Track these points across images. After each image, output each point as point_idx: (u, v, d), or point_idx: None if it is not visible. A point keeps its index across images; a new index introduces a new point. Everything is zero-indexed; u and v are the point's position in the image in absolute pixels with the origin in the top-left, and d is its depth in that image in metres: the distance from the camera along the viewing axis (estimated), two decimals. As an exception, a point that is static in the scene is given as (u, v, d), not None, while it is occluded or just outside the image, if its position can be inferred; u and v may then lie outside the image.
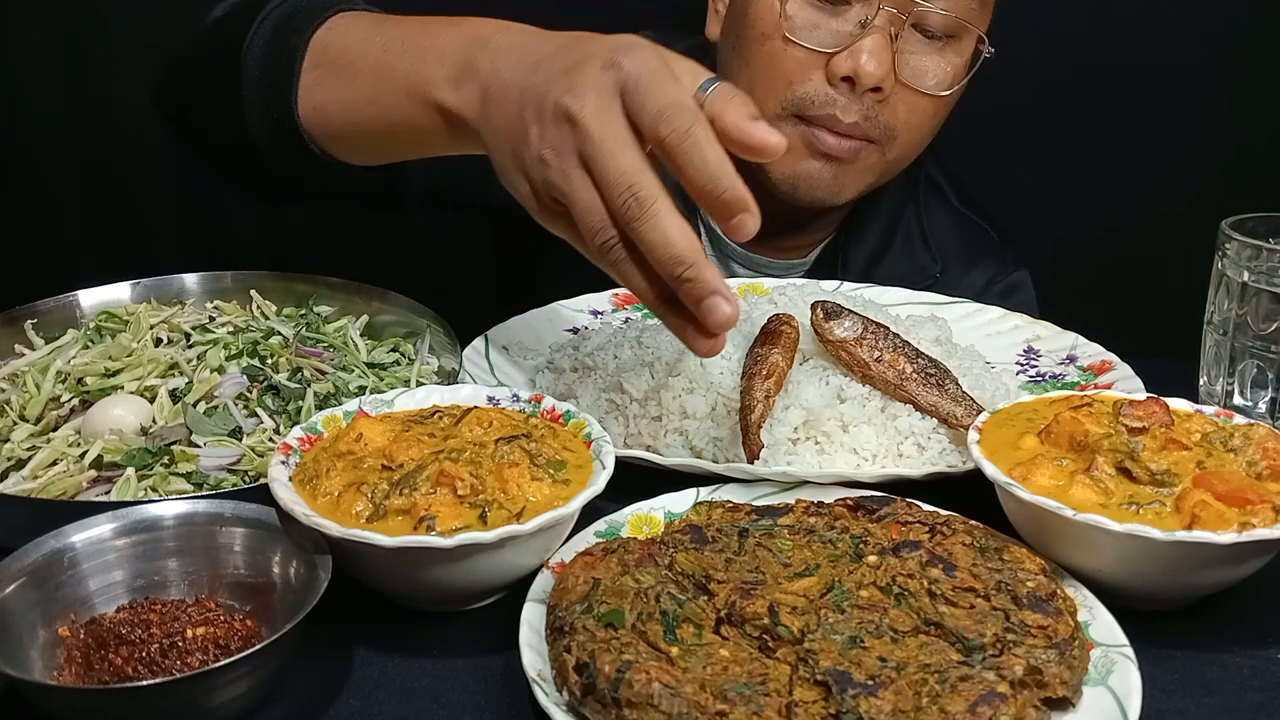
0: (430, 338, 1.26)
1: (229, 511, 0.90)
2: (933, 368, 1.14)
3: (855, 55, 1.35)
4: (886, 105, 1.40)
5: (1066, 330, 1.37)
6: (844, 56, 1.36)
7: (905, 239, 1.60)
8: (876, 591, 0.86)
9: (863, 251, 1.59)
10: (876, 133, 1.42)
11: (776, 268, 1.63)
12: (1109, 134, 2.04)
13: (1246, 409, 1.22)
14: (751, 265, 1.63)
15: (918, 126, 1.44)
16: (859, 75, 1.36)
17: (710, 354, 0.93)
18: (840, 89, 1.39)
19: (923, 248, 1.60)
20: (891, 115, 1.41)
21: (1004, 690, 0.76)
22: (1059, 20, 1.99)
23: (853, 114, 1.39)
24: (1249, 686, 0.87)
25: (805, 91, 1.40)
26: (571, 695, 0.78)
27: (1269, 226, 1.22)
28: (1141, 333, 1.35)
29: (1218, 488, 0.91)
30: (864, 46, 1.35)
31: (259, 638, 0.84)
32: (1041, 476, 0.94)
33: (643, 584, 0.85)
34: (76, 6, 1.95)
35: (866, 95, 1.38)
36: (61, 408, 1.10)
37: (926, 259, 1.59)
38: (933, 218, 1.62)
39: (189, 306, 1.30)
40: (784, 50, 1.40)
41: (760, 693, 0.76)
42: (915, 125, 1.44)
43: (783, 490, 1.05)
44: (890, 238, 1.60)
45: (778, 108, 1.42)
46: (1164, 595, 0.92)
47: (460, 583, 0.89)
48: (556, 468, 0.94)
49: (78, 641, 0.83)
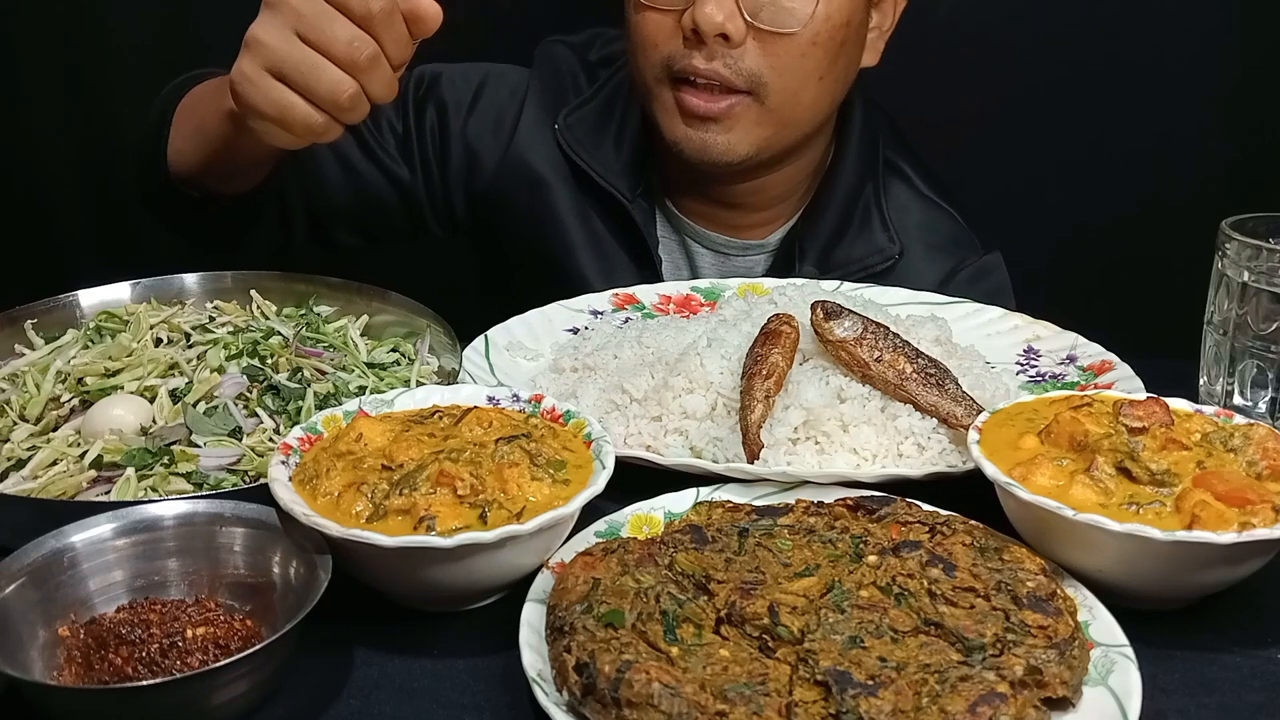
0: (430, 338, 1.26)
1: (229, 511, 0.90)
2: (933, 368, 1.14)
3: (700, 7, 1.38)
4: (744, 51, 1.41)
5: (1066, 330, 1.37)
6: (690, 11, 1.40)
7: (863, 220, 1.60)
8: (876, 591, 0.86)
9: (820, 234, 1.59)
10: (741, 81, 1.43)
11: (734, 247, 1.63)
12: (1109, 134, 2.04)
13: (1246, 409, 1.22)
14: (710, 244, 1.64)
15: (788, 70, 1.44)
16: (701, 25, 1.38)
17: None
18: (692, 42, 1.41)
19: (881, 228, 1.60)
20: (750, 60, 1.42)
21: (1004, 690, 0.76)
22: (1059, 20, 1.99)
23: (707, 62, 1.41)
24: (1249, 686, 0.87)
25: (667, 51, 1.44)
26: (571, 695, 0.78)
27: (1269, 226, 1.22)
28: (1141, 333, 1.35)
29: (1218, 488, 0.91)
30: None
31: (259, 638, 0.84)
32: (1041, 476, 0.94)
33: (643, 584, 0.85)
34: (78, 7, 1.95)
35: (718, 44, 1.40)
36: (61, 408, 1.11)
37: (885, 240, 1.59)
38: (893, 200, 1.62)
39: (189, 306, 1.30)
40: (644, 16, 1.45)
41: (760, 693, 0.76)
42: (784, 69, 1.43)
43: (783, 490, 1.05)
44: (848, 219, 1.60)
45: (654, 72, 1.47)
46: (1164, 595, 0.92)
47: (460, 583, 0.89)
48: (556, 468, 0.94)
49: (78, 641, 0.83)
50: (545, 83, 1.65)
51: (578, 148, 1.60)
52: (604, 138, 1.61)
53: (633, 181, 1.60)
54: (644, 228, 1.60)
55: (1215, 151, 2.03)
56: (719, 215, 1.62)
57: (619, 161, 1.60)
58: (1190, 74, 1.98)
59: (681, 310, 1.45)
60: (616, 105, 1.63)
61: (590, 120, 1.62)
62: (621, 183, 1.59)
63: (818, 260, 1.58)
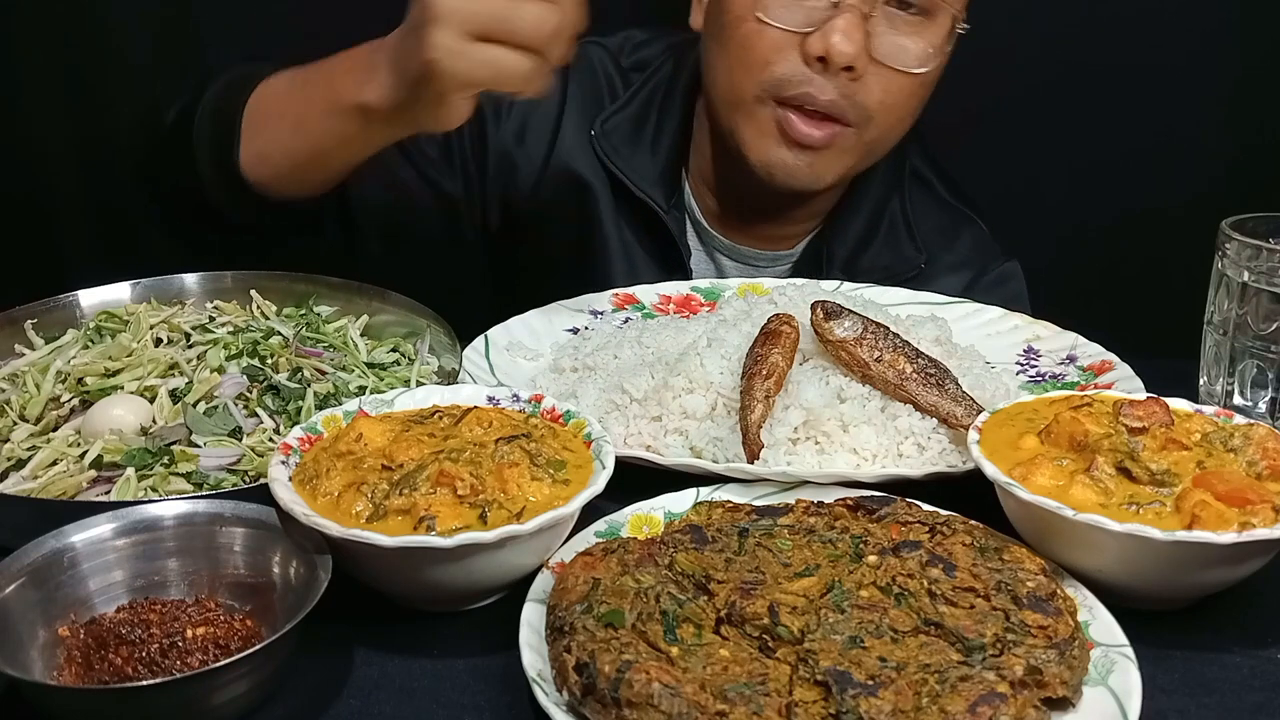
0: (430, 338, 1.26)
1: (229, 511, 0.90)
2: (933, 368, 1.14)
3: (828, 34, 1.36)
4: (862, 85, 1.40)
5: (1066, 330, 1.37)
6: (817, 36, 1.37)
7: (890, 230, 1.60)
8: (876, 591, 0.86)
9: (847, 242, 1.59)
10: (853, 114, 1.42)
11: (763, 259, 1.63)
12: (1110, 133, 2.04)
13: (1246, 409, 1.22)
14: (738, 257, 1.63)
15: (894, 107, 1.44)
16: (831, 54, 1.36)
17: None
18: (815, 69, 1.39)
19: (907, 238, 1.60)
20: (867, 95, 1.41)
21: (1004, 690, 0.76)
22: (1059, 20, 1.99)
23: (829, 93, 1.40)
24: (1249, 686, 0.87)
25: (781, 72, 1.41)
26: (571, 695, 0.78)
27: (1269, 226, 1.22)
28: (1141, 333, 1.35)
29: (1218, 488, 0.91)
30: (836, 25, 1.36)
31: (259, 638, 0.84)
32: (1041, 476, 0.94)
33: (643, 584, 0.85)
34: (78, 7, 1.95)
35: (841, 74, 1.38)
36: (61, 408, 1.11)
37: (911, 249, 1.59)
38: (918, 209, 1.62)
39: (189, 306, 1.30)
40: (758, 31, 1.41)
41: (760, 693, 0.76)
42: (892, 105, 1.43)
43: (783, 490, 1.05)
44: (875, 229, 1.60)
45: (756, 89, 1.43)
46: (1164, 595, 0.92)
47: (460, 583, 0.89)
48: (556, 468, 0.94)
49: (78, 641, 0.83)
50: (584, 86, 1.62)
51: (613, 155, 1.58)
52: (639, 145, 1.59)
53: (668, 191, 1.58)
54: (679, 239, 1.58)
55: (1215, 151, 2.03)
56: (751, 227, 1.61)
57: (654, 170, 1.58)
58: (1190, 74, 1.98)
59: (681, 310, 1.45)
60: (651, 113, 1.61)
61: (626, 127, 1.60)
62: (657, 192, 1.57)
63: (844, 269, 1.57)
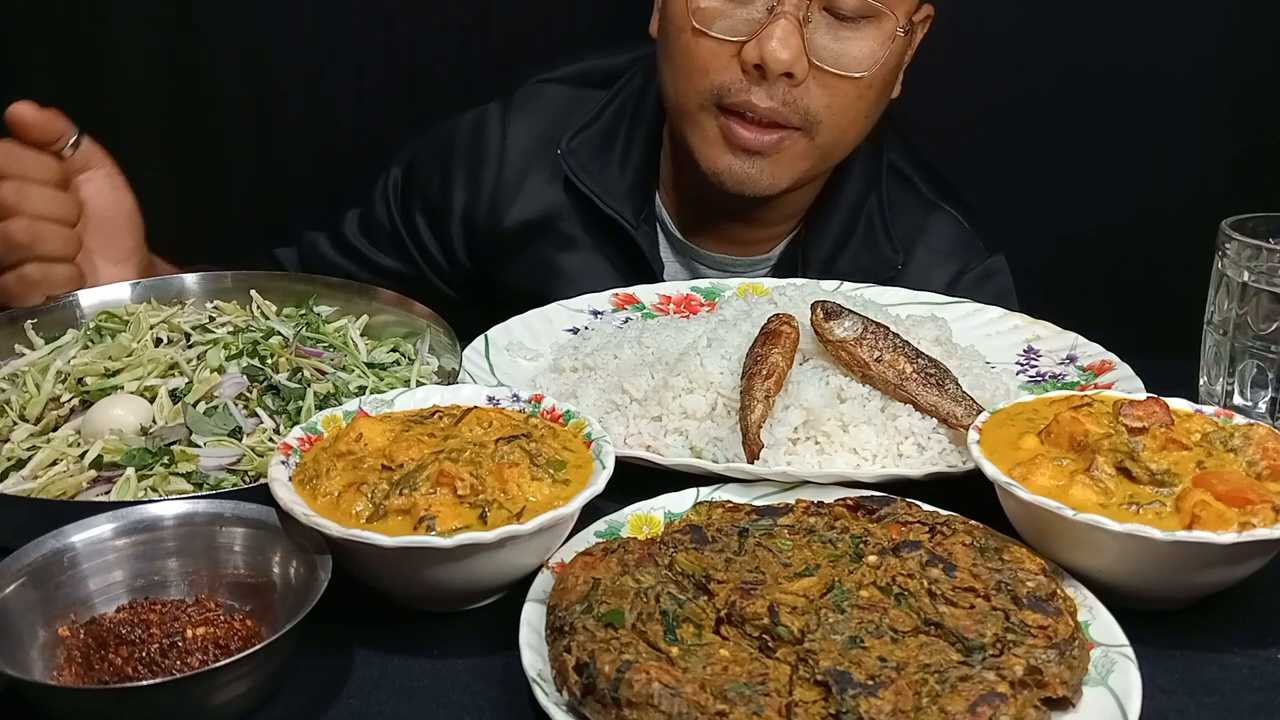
0: (430, 338, 1.26)
1: (229, 511, 0.90)
2: (933, 368, 1.14)
3: (763, 42, 1.36)
4: (805, 90, 1.40)
5: (1066, 330, 1.37)
6: (753, 44, 1.37)
7: (867, 231, 1.60)
8: (876, 591, 0.86)
9: (823, 245, 1.59)
10: (797, 119, 1.42)
11: (740, 265, 1.63)
12: (1110, 134, 2.04)
13: (1246, 409, 1.22)
14: (714, 265, 1.63)
15: (843, 110, 1.43)
16: (767, 61, 1.36)
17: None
18: (753, 76, 1.39)
19: (884, 238, 1.59)
20: (811, 100, 1.41)
21: (1004, 690, 0.76)
22: (1059, 20, 1.99)
23: (769, 100, 1.39)
24: (1249, 686, 0.87)
25: (720, 81, 1.41)
26: (571, 695, 0.78)
27: (1269, 226, 1.22)
28: (1141, 333, 1.35)
29: (1218, 488, 0.91)
30: (772, 33, 1.36)
31: (259, 638, 0.84)
32: (1041, 476, 0.94)
33: (643, 584, 0.85)
34: (77, 7, 1.95)
35: (781, 81, 1.38)
36: (61, 408, 1.10)
37: (889, 250, 1.59)
38: (897, 208, 1.61)
39: (189, 306, 1.30)
40: (697, 41, 1.41)
41: (760, 693, 0.76)
42: (840, 109, 1.43)
43: (783, 490, 1.05)
44: (851, 230, 1.60)
45: (699, 98, 1.43)
46: (1164, 595, 0.92)
47: (460, 583, 0.89)
48: (556, 468, 0.94)
49: (78, 641, 0.83)
50: (534, 123, 1.63)
51: (580, 173, 1.58)
52: (608, 162, 1.59)
53: (637, 206, 1.58)
54: (649, 253, 1.58)
55: (1215, 151, 2.03)
56: (724, 233, 1.61)
57: (623, 185, 1.58)
58: (1190, 74, 1.98)
59: (681, 310, 1.45)
60: (620, 127, 1.61)
61: (594, 143, 1.60)
62: (626, 208, 1.57)
63: (821, 272, 1.56)
